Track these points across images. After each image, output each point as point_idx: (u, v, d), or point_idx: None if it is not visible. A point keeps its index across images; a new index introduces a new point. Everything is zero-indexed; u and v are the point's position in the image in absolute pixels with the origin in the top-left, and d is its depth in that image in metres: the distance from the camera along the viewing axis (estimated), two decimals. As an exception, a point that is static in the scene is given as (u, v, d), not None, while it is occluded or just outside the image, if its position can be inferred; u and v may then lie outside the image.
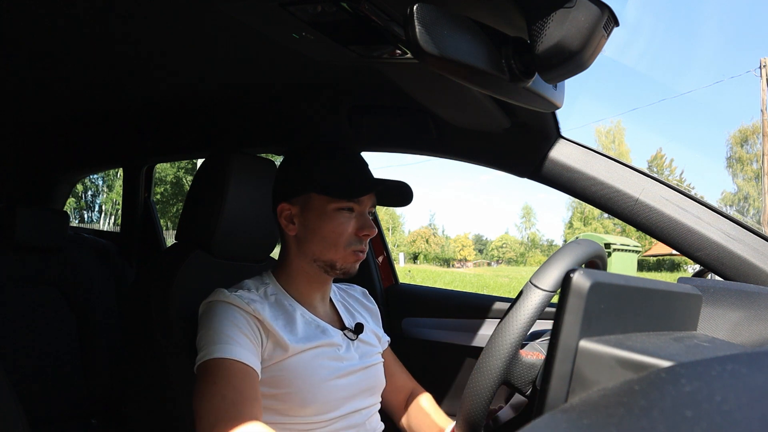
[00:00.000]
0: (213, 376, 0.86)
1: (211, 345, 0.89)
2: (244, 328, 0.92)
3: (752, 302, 0.86)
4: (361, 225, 1.03)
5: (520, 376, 0.68)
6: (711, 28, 67.29)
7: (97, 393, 1.67)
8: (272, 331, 0.95)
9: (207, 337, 0.91)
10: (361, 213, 1.03)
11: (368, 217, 1.04)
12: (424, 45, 0.57)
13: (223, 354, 0.88)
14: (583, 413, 0.31)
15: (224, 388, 0.84)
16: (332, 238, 1.01)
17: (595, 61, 0.66)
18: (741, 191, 29.95)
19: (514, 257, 52.42)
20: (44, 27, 1.08)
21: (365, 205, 1.04)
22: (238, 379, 0.86)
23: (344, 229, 1.01)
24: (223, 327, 0.91)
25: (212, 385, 0.85)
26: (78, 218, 26.55)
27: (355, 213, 1.03)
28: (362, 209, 1.04)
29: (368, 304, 1.22)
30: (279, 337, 0.95)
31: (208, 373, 0.87)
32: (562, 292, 0.47)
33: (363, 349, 1.08)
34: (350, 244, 1.02)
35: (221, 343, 0.89)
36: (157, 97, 1.54)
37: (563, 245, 0.76)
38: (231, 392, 0.84)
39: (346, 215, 1.02)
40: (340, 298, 1.16)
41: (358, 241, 1.03)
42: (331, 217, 1.01)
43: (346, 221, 1.02)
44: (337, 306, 1.13)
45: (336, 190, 1.00)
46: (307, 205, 1.02)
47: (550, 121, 1.15)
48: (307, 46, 0.96)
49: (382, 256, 1.76)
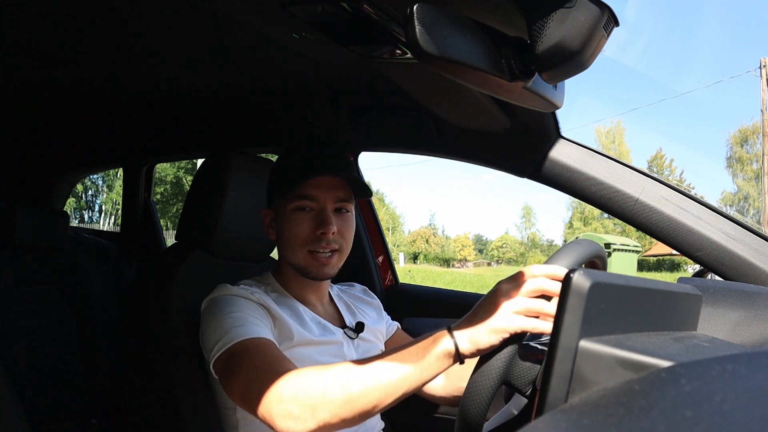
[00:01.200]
0: (237, 360, 0.84)
1: (224, 335, 0.87)
2: (254, 312, 0.92)
3: (752, 302, 0.86)
4: (318, 222, 0.98)
5: (520, 376, 0.68)
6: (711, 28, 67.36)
7: (97, 393, 1.67)
8: (279, 318, 0.94)
9: (218, 330, 0.88)
10: (319, 210, 0.98)
11: (328, 214, 0.98)
12: (424, 45, 0.57)
13: (239, 337, 0.85)
14: (583, 413, 0.31)
15: (253, 362, 0.82)
16: (290, 240, 0.99)
17: (595, 61, 0.65)
18: (741, 191, 29.95)
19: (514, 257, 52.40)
20: (45, 27, 1.08)
21: (323, 201, 0.99)
22: (262, 352, 0.84)
23: (300, 229, 0.98)
24: (232, 315, 0.89)
25: (239, 366, 0.83)
26: (78, 218, 26.55)
27: (314, 211, 0.98)
28: (320, 206, 0.99)
29: (369, 299, 1.22)
30: (285, 325, 0.94)
31: (230, 362, 0.85)
32: (562, 292, 0.47)
33: (363, 347, 1.08)
34: (306, 244, 0.98)
35: (234, 327, 0.87)
36: (157, 97, 1.54)
37: (563, 245, 0.76)
38: (260, 362, 0.82)
39: (304, 215, 0.98)
40: (340, 297, 1.16)
41: (316, 240, 0.98)
42: (288, 219, 0.99)
43: (303, 221, 0.98)
44: (338, 304, 1.13)
45: (282, 187, 0.99)
46: (277, 209, 1.03)
47: (550, 121, 1.15)
48: (307, 46, 0.96)
49: (382, 256, 1.76)
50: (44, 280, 1.63)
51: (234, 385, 0.83)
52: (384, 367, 0.73)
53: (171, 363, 1.02)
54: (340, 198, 1.00)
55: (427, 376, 0.73)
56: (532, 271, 0.70)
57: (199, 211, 1.16)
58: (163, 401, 1.03)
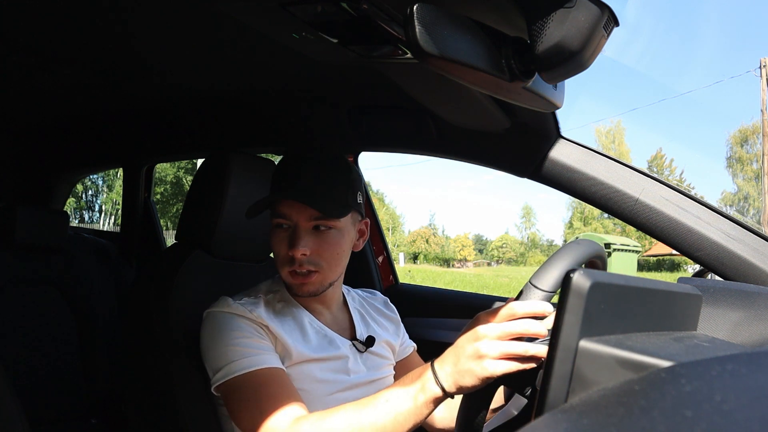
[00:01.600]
0: (242, 393, 0.85)
1: (229, 363, 0.86)
2: (254, 336, 0.90)
3: (752, 302, 0.86)
4: (290, 242, 0.91)
5: (520, 376, 0.68)
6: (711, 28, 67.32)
7: (97, 393, 1.67)
8: (278, 336, 0.93)
9: (222, 355, 0.88)
10: (293, 229, 0.92)
11: (299, 234, 0.91)
12: (424, 45, 0.57)
13: (245, 369, 0.85)
14: (583, 413, 0.31)
15: (258, 401, 0.83)
16: (275, 255, 0.96)
17: (595, 61, 0.65)
18: (741, 191, 29.94)
19: (514, 257, 52.40)
20: (45, 27, 1.08)
21: (295, 219, 0.92)
22: (267, 387, 0.84)
23: (279, 248, 0.93)
24: (234, 340, 0.88)
25: (245, 402, 0.84)
26: (78, 218, 26.54)
27: (290, 229, 0.93)
28: (293, 223, 0.92)
29: (389, 314, 1.17)
30: (285, 344, 0.93)
31: (236, 392, 0.85)
32: (562, 292, 0.47)
33: (372, 361, 1.04)
34: (284, 263, 0.93)
35: (239, 358, 0.86)
36: (157, 97, 1.54)
37: (563, 245, 0.76)
38: (265, 403, 0.83)
39: (281, 232, 0.93)
40: (358, 305, 1.12)
41: (290, 260, 0.91)
42: (272, 234, 0.96)
43: (281, 239, 0.93)
44: (352, 313, 1.08)
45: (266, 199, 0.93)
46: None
47: (550, 121, 1.15)
48: (307, 46, 0.96)
49: (382, 256, 1.76)
50: (44, 280, 1.63)
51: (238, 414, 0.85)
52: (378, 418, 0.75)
53: (171, 363, 1.02)
54: (314, 216, 0.91)
55: (420, 420, 0.75)
56: (514, 309, 0.69)
57: (199, 211, 1.16)
58: (163, 401, 1.03)
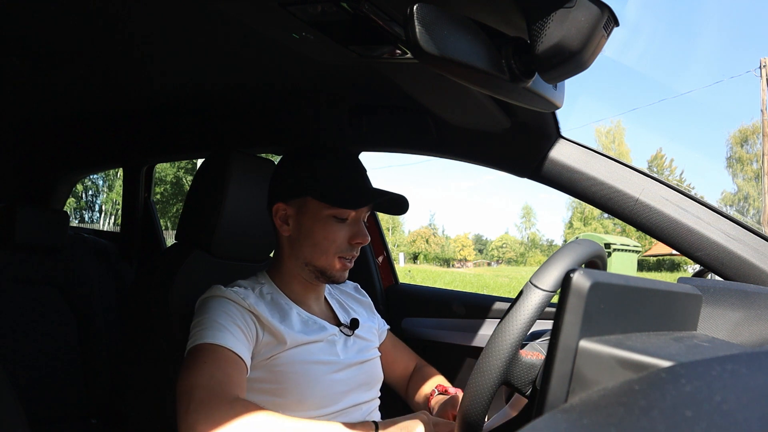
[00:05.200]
0: (203, 357, 0.86)
1: (203, 331, 0.89)
2: (238, 320, 0.92)
3: (752, 302, 0.86)
4: (354, 233, 1.02)
5: (520, 376, 0.68)
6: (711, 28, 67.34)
7: (97, 393, 1.67)
8: (268, 325, 0.95)
9: (200, 325, 0.91)
10: (356, 220, 1.03)
11: (362, 225, 1.04)
12: (424, 45, 0.57)
13: (215, 340, 0.88)
14: (583, 413, 0.31)
15: (213, 369, 0.84)
16: (324, 245, 1.01)
17: (595, 61, 0.65)
18: (741, 191, 29.94)
19: (514, 257, 52.41)
20: (45, 27, 1.08)
21: (361, 213, 1.03)
22: (227, 365, 0.86)
23: (337, 236, 1.01)
24: (216, 316, 0.91)
25: (201, 364, 0.85)
26: (78, 218, 26.54)
27: (350, 220, 1.02)
28: (357, 217, 1.03)
29: (361, 298, 1.23)
30: (276, 330, 0.95)
31: (197, 355, 0.87)
32: (562, 292, 0.47)
33: (359, 344, 1.09)
34: (341, 251, 1.01)
35: (213, 329, 0.89)
36: (157, 97, 1.54)
37: (563, 245, 0.76)
38: (219, 373, 0.84)
39: (339, 223, 1.01)
40: (333, 295, 1.17)
41: (350, 248, 1.02)
42: (325, 223, 1.00)
43: (340, 228, 1.01)
44: (331, 303, 1.14)
45: (336, 199, 0.99)
46: (303, 208, 1.01)
47: (550, 121, 1.15)
48: (307, 46, 0.96)
49: (382, 256, 1.76)
50: (44, 280, 1.63)
51: (184, 379, 0.84)
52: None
53: (171, 363, 1.02)
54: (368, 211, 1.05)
55: None
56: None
57: (199, 211, 1.16)
58: (163, 401, 1.03)
